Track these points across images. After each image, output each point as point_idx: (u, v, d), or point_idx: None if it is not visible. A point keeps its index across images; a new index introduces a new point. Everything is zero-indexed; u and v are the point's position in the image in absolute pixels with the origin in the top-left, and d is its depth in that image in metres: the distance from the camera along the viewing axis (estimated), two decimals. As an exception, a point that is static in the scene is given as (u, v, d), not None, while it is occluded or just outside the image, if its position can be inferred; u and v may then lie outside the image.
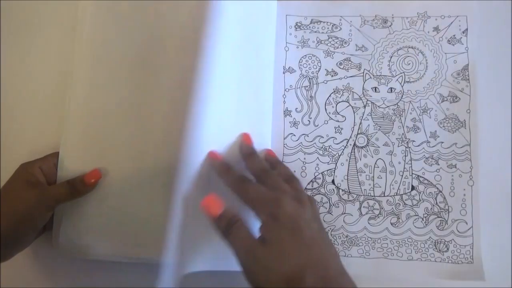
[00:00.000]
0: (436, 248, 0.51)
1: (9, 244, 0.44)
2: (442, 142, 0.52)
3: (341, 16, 0.54)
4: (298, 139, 0.53)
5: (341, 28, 0.54)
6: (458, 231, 0.51)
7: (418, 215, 0.51)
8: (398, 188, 0.51)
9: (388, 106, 0.53)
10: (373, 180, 0.52)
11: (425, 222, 0.51)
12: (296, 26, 0.55)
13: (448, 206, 0.51)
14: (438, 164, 0.52)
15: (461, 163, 0.51)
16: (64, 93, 0.51)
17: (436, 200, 0.51)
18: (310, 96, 0.53)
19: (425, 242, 0.51)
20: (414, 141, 0.52)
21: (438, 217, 0.51)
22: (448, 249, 0.51)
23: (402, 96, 0.53)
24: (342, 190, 0.52)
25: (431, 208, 0.51)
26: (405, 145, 0.52)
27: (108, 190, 0.49)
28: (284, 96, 0.53)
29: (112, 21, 0.52)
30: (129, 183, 0.50)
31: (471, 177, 0.51)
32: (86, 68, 0.51)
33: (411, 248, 0.51)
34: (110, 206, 0.49)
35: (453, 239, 0.51)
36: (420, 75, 0.53)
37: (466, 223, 0.51)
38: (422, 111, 0.52)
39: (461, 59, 0.53)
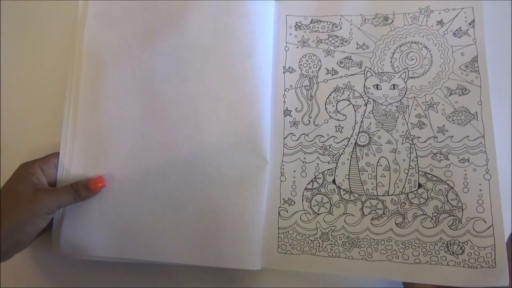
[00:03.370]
0: (449, 250, 0.47)
1: (9, 245, 0.45)
2: (452, 136, 0.49)
3: (341, 15, 0.54)
4: (298, 138, 0.51)
5: (341, 27, 0.53)
6: (475, 230, 0.47)
7: (426, 214, 0.48)
8: (403, 187, 0.49)
9: (390, 103, 0.51)
10: (376, 179, 0.49)
11: (434, 221, 0.47)
12: (296, 26, 0.54)
13: (462, 204, 0.47)
14: (448, 159, 0.48)
15: (474, 157, 0.48)
16: (64, 93, 0.52)
17: (447, 197, 0.48)
18: (310, 96, 0.52)
19: (435, 244, 0.47)
20: (419, 137, 0.49)
21: (450, 215, 0.47)
22: (463, 251, 0.47)
23: (405, 93, 0.51)
24: (344, 189, 0.49)
25: (442, 207, 0.48)
26: (410, 142, 0.49)
27: (109, 191, 0.50)
28: (284, 96, 0.53)
29: (113, 22, 0.53)
30: (129, 184, 0.50)
31: (487, 170, 0.48)
32: (87, 70, 0.52)
33: (418, 250, 0.47)
34: (110, 207, 0.50)
35: (469, 240, 0.47)
36: (425, 70, 0.51)
37: (485, 221, 0.47)
38: (427, 106, 0.50)
39: (469, 51, 0.51)
